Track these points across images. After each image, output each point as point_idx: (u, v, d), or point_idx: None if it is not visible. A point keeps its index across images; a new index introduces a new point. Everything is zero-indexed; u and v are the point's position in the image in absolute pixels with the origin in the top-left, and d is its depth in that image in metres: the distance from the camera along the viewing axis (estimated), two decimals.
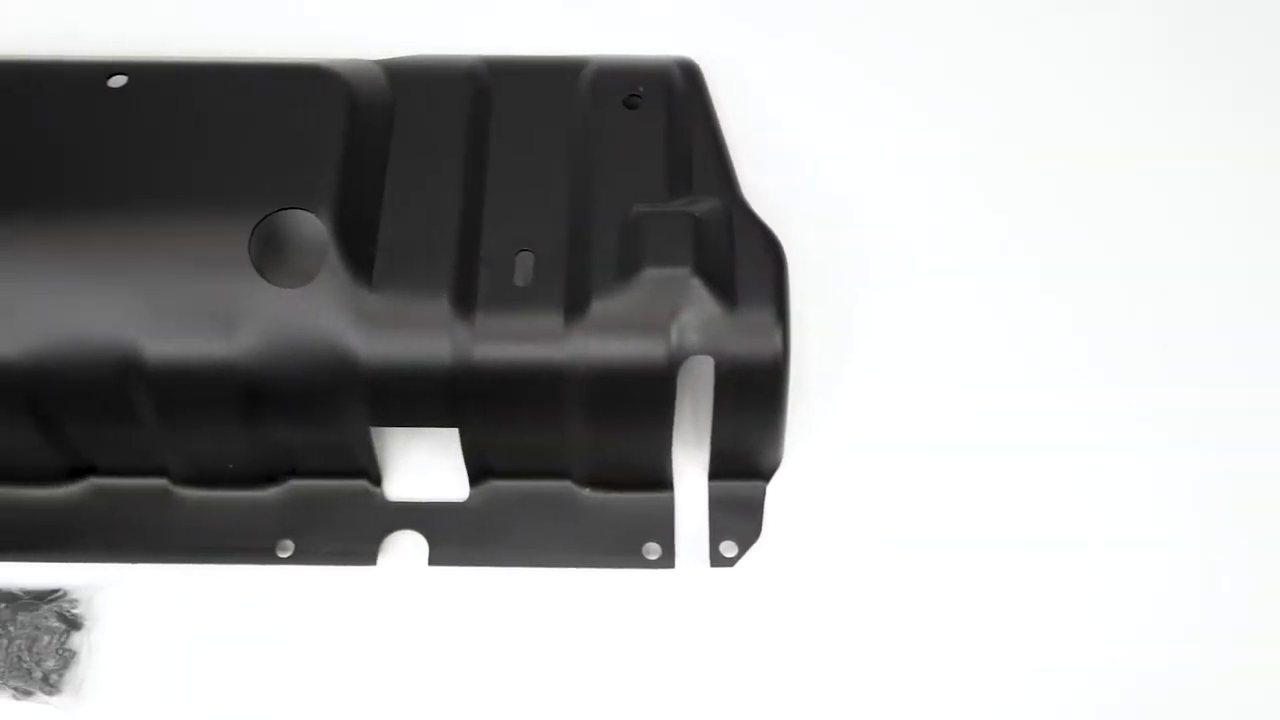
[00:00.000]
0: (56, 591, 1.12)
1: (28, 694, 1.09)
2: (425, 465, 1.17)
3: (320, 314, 1.06)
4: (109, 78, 1.14)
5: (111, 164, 1.10)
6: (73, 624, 1.11)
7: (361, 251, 1.08)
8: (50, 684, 1.08)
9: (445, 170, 1.13)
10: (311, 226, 1.08)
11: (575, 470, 1.14)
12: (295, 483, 1.15)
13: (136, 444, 1.12)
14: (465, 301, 1.07)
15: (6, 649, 1.09)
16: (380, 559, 1.13)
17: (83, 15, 1.39)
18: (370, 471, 1.14)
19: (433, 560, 1.13)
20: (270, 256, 1.08)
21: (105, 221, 1.08)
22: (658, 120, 1.17)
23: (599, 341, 1.06)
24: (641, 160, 1.14)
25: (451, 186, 1.13)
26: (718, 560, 1.13)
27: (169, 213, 1.08)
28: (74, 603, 1.12)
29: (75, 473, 1.15)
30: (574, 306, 1.07)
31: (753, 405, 1.10)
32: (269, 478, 1.15)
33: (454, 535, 1.14)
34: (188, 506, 1.15)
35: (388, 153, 1.14)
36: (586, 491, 1.15)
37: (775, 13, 1.42)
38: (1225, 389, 1.20)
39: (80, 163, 1.10)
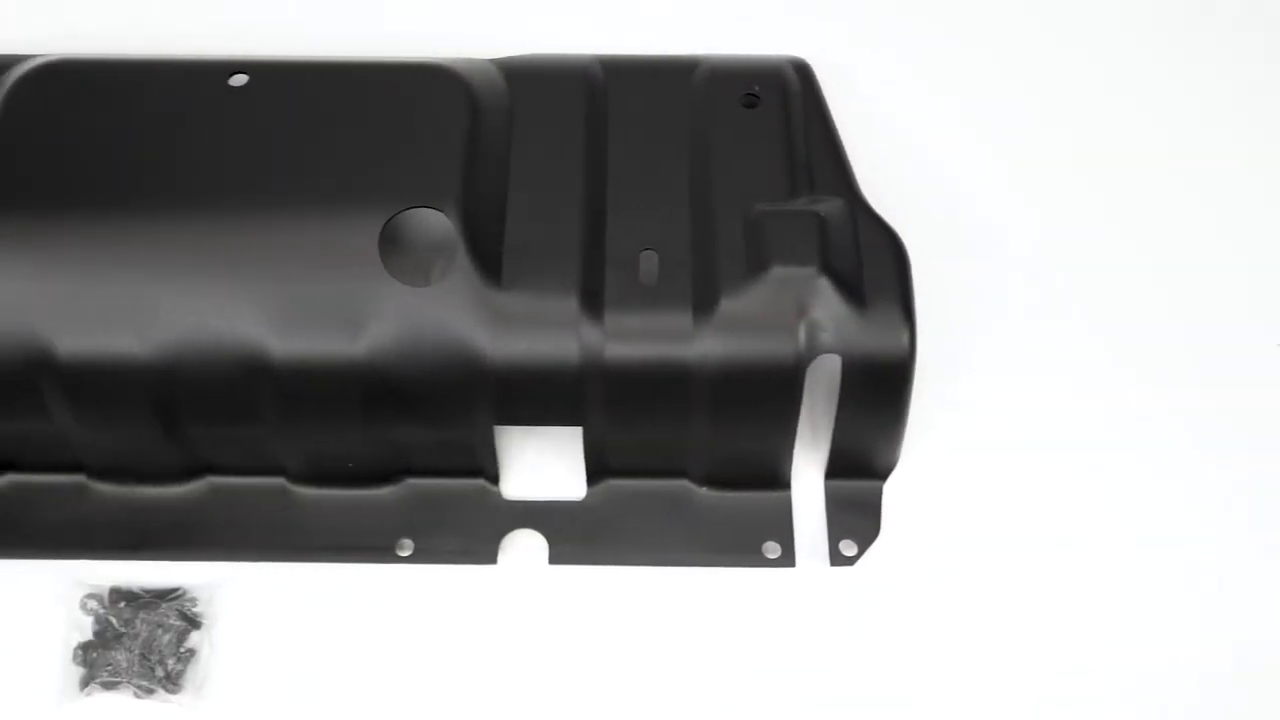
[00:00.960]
0: (176, 590, 1.12)
1: (150, 692, 1.09)
2: (541, 464, 1.17)
3: (450, 313, 1.06)
4: (230, 76, 1.14)
5: (235, 163, 1.11)
6: (193, 622, 1.11)
7: (489, 250, 1.08)
8: (172, 682, 1.09)
9: (566, 169, 1.13)
10: (439, 225, 1.08)
11: (693, 468, 1.14)
12: (412, 481, 1.15)
13: (257, 442, 1.12)
14: (593, 301, 1.07)
15: (129, 648, 1.09)
16: (500, 558, 1.13)
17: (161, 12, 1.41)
18: (489, 470, 1.14)
19: (553, 559, 1.13)
20: (396, 255, 1.08)
21: (232, 221, 1.08)
22: (776, 119, 1.17)
23: (728, 340, 1.06)
24: (761, 159, 1.15)
25: (573, 186, 1.13)
26: (838, 559, 1.13)
27: (296, 212, 1.08)
28: (193, 601, 1.12)
29: (192, 471, 1.15)
30: (702, 305, 1.07)
31: (877, 404, 1.10)
32: (386, 476, 1.15)
33: (573, 534, 1.14)
34: (305, 505, 1.15)
35: (509, 152, 1.14)
36: (704, 490, 1.15)
37: (878, 10, 1.42)
38: None
39: (204, 161, 1.11)
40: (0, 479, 1.15)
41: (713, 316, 1.07)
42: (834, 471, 1.15)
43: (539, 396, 1.08)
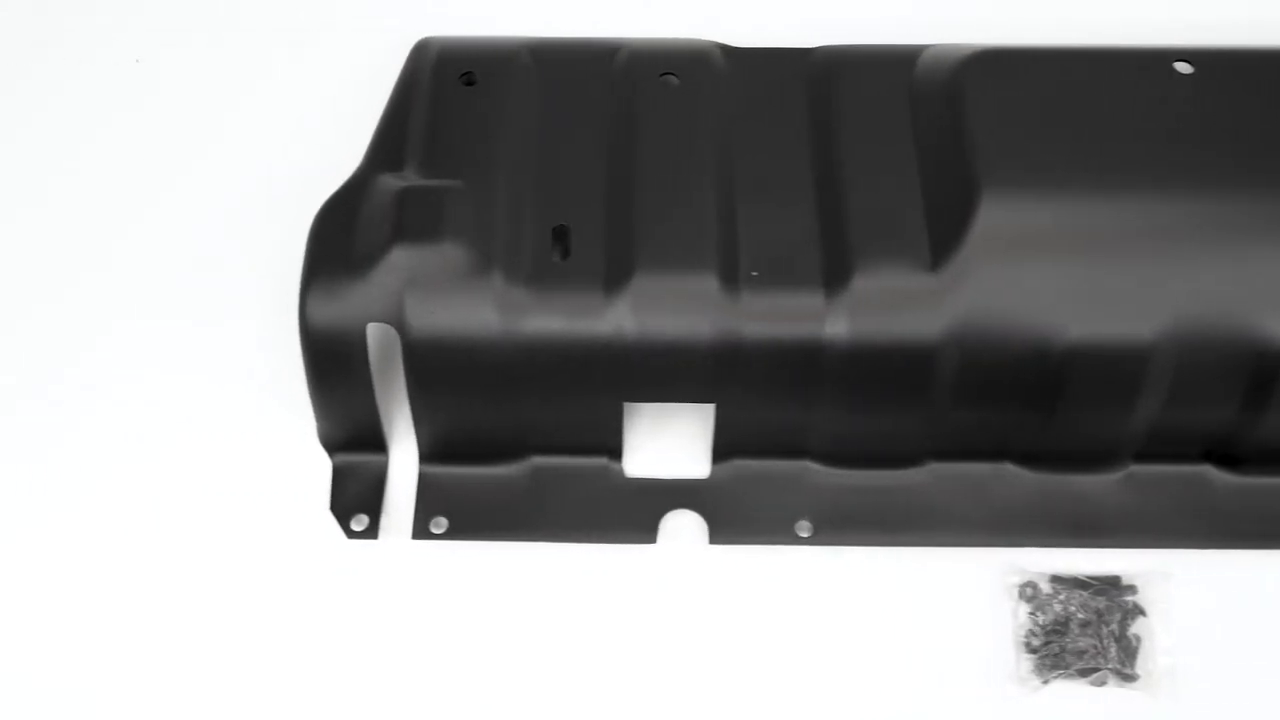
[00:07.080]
0: (1119, 578, 1.12)
1: (1105, 680, 1.08)
2: None
3: None
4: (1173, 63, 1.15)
5: (1185, 145, 1.10)
6: (1139, 610, 1.10)
7: None
8: (1127, 670, 1.08)
9: None
10: None
11: None
12: None
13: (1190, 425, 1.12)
14: None
15: (1088, 636, 1.09)
16: None
17: None
18: None
19: None
20: None
21: (1236, 203, 1.09)
22: None
23: None
24: None
25: None
26: None
27: None
28: (1135, 589, 1.11)
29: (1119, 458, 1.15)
30: None
31: None
32: None
33: None
34: (1228, 490, 1.15)
35: None
36: None
37: None
38: None
39: (1158, 144, 1.10)
40: (922, 468, 1.15)
41: None
42: None
43: None
